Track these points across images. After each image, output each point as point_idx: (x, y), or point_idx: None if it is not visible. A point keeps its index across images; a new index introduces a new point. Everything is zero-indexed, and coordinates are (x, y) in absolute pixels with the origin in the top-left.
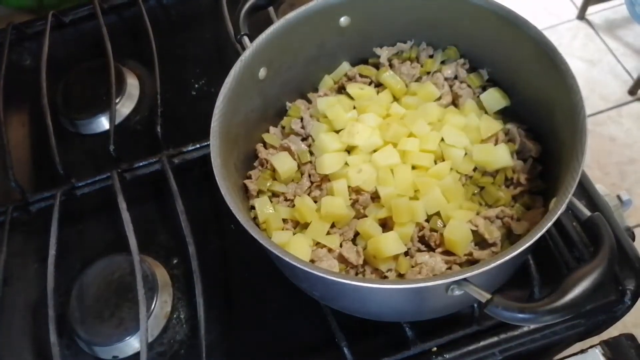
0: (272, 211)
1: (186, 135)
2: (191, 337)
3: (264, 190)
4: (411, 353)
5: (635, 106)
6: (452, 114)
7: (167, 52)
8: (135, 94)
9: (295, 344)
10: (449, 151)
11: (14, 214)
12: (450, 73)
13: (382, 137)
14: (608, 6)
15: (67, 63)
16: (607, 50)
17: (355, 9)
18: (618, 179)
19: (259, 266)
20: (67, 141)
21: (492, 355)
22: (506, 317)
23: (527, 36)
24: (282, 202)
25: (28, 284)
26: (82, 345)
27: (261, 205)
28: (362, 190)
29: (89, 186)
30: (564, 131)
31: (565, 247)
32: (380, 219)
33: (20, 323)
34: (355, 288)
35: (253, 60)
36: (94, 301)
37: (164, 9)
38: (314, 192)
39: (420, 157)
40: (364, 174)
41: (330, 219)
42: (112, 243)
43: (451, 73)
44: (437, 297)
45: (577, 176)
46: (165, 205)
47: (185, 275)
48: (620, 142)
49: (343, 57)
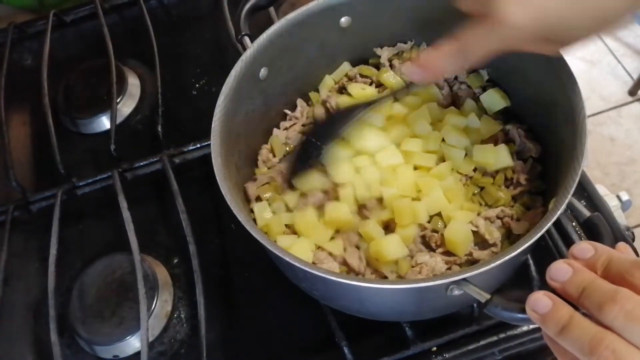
0: (271, 216)
1: (187, 134)
2: (192, 337)
3: (262, 198)
4: (411, 353)
5: (635, 107)
6: (452, 115)
7: (168, 52)
8: (136, 93)
9: (295, 344)
10: (450, 151)
11: (15, 213)
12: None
13: (386, 137)
14: None
15: (68, 62)
16: (608, 50)
17: (355, 9)
18: (618, 179)
19: (259, 266)
20: (68, 140)
21: (492, 354)
22: (506, 317)
23: None
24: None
25: (29, 283)
26: (82, 345)
27: (260, 210)
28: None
29: (90, 185)
30: (564, 131)
31: (564, 247)
32: (383, 221)
33: (20, 322)
34: (355, 288)
35: (254, 61)
36: (94, 300)
37: (165, 9)
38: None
39: (423, 158)
40: (368, 174)
41: (335, 225)
42: (112, 242)
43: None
44: (436, 297)
45: (576, 176)
46: (166, 205)
47: (185, 274)
48: (620, 142)
49: (343, 57)
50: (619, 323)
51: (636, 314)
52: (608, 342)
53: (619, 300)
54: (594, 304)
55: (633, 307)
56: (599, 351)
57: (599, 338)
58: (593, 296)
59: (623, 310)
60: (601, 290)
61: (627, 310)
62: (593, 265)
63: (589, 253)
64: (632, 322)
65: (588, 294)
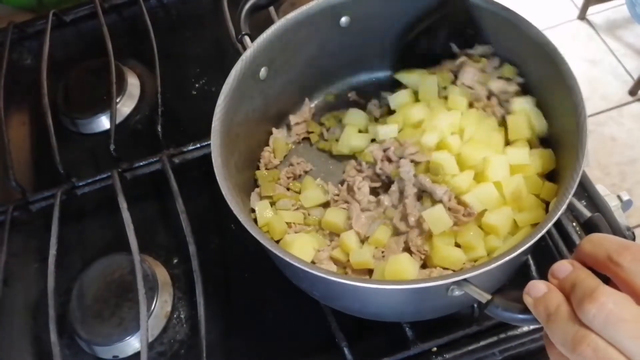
0: (272, 215)
1: (187, 134)
2: (191, 337)
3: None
4: (411, 353)
5: (636, 106)
6: (514, 150)
7: (168, 52)
8: (136, 93)
9: (295, 344)
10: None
11: (15, 213)
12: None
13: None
14: (609, 6)
15: (68, 62)
16: (608, 50)
17: (356, 8)
18: (618, 179)
19: (259, 266)
20: (67, 140)
21: (492, 355)
22: (506, 317)
23: (527, 36)
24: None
25: (28, 283)
26: (82, 345)
27: (261, 209)
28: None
29: (90, 185)
30: (565, 131)
31: (565, 247)
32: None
33: (20, 323)
34: (356, 288)
35: (254, 60)
36: (94, 301)
37: (165, 9)
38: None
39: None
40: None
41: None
42: (112, 242)
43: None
44: (437, 298)
45: (577, 176)
46: (166, 205)
47: (185, 274)
48: (621, 142)
49: (343, 57)
50: (598, 323)
51: (615, 315)
52: (590, 340)
53: (595, 298)
54: (576, 300)
55: (612, 307)
56: (580, 348)
57: (582, 335)
58: (577, 292)
59: (603, 310)
60: (583, 285)
61: (607, 310)
62: (594, 259)
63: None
64: (611, 324)
65: (574, 290)
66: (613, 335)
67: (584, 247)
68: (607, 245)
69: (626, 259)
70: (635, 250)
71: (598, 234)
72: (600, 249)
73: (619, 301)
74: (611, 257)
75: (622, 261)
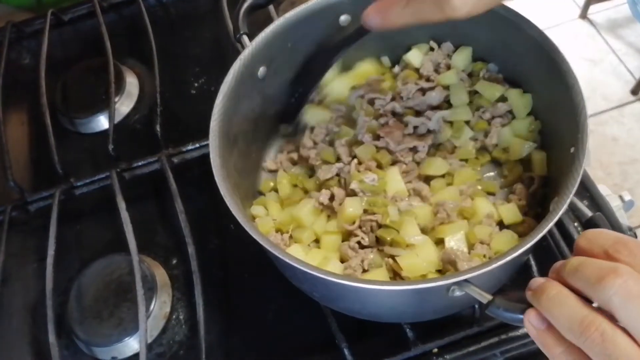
0: (268, 217)
1: (186, 134)
2: (190, 338)
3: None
4: (412, 354)
5: (638, 106)
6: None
7: (167, 51)
8: (135, 92)
9: (295, 345)
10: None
11: (13, 213)
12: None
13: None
14: (610, 6)
15: (66, 62)
16: (609, 49)
17: (355, 7)
18: (620, 179)
19: (259, 266)
20: (66, 140)
21: (494, 356)
22: (507, 318)
23: (528, 35)
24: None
25: (26, 283)
26: (81, 346)
27: (259, 210)
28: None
29: (88, 185)
30: (565, 131)
31: (566, 247)
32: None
33: (18, 323)
34: (356, 289)
35: (252, 59)
36: (92, 301)
37: (164, 8)
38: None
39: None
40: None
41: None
42: (111, 243)
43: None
44: (437, 298)
45: (578, 176)
46: (165, 205)
47: (184, 275)
48: (623, 142)
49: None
50: (618, 299)
51: (636, 291)
52: (598, 323)
53: (620, 274)
54: (592, 277)
55: (634, 284)
56: (589, 332)
57: (590, 319)
58: (588, 271)
59: (625, 285)
60: (598, 265)
61: (629, 286)
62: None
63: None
64: (632, 299)
65: (582, 270)
66: (630, 313)
67: (579, 244)
68: (602, 241)
69: (623, 254)
70: (631, 246)
71: (593, 230)
72: (596, 244)
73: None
74: (608, 252)
75: (619, 256)
